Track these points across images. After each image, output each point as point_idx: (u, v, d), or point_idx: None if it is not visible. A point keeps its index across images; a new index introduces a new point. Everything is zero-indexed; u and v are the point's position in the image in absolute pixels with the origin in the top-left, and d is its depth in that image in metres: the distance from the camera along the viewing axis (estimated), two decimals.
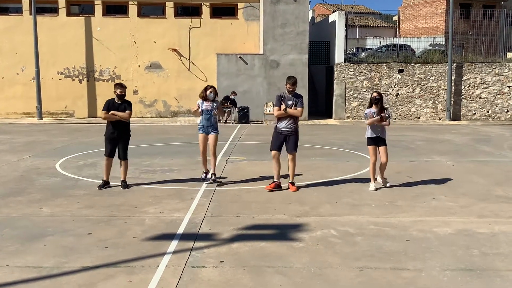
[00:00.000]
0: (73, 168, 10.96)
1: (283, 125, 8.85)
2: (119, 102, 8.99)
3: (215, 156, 9.36)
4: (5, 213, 7.35)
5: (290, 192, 8.72)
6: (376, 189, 8.89)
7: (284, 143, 8.91)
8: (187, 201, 8.02)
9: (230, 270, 5.22)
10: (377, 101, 8.92)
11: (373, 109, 8.93)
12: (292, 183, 8.97)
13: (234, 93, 22.65)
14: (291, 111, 8.79)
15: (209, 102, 9.21)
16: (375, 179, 9.04)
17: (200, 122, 9.20)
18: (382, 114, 8.87)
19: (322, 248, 5.89)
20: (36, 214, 7.30)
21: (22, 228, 6.63)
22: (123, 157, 9.08)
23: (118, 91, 8.95)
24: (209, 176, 9.37)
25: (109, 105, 8.94)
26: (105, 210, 7.51)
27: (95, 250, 5.77)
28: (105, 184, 9.06)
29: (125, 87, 9.15)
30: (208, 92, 9.18)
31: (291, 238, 6.24)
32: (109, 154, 9.01)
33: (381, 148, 9.00)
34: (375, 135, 8.96)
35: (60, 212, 7.43)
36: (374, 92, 9.21)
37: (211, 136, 9.23)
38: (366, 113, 9.04)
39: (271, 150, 8.98)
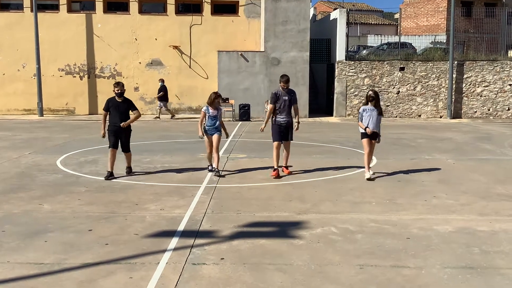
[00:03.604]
0: (74, 164, 10.97)
1: (281, 118, 9.85)
2: (120, 100, 9.52)
3: (217, 153, 9.97)
4: (6, 210, 7.36)
5: (291, 189, 8.73)
6: (371, 177, 9.51)
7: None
8: (188, 198, 8.02)
9: (230, 267, 5.22)
10: (372, 99, 9.68)
11: (369, 106, 9.67)
12: (286, 167, 10.11)
13: (162, 80, 22.39)
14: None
15: (214, 109, 9.89)
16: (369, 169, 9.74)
17: (206, 125, 9.91)
18: (374, 140, 9.75)
19: (322, 245, 5.89)
20: (37, 211, 7.31)
21: (23, 224, 6.64)
22: (126, 149, 9.72)
23: (116, 89, 9.49)
24: (212, 167, 10.07)
25: (109, 104, 9.48)
26: (105, 207, 7.52)
27: (96, 247, 5.78)
28: (111, 175, 9.45)
29: (123, 85, 9.63)
30: (216, 101, 9.92)
31: (291, 236, 6.24)
32: (113, 146, 9.52)
33: (373, 142, 9.77)
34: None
35: (61, 208, 7.44)
36: (370, 90, 9.96)
37: (215, 137, 9.90)
38: (360, 112, 9.78)
39: (274, 141, 9.92)
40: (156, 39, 24.21)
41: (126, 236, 6.19)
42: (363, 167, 10.05)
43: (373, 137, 9.65)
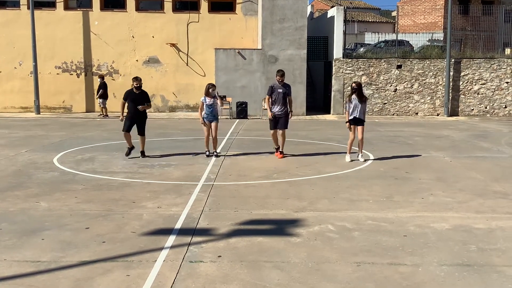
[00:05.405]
0: (70, 162, 10.95)
1: (276, 109, 11.42)
2: (137, 92, 11.18)
3: (216, 138, 11.66)
4: (3, 208, 7.34)
5: (288, 187, 8.73)
6: (352, 160, 10.91)
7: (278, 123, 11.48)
8: (185, 196, 8.02)
9: (227, 265, 5.22)
10: (355, 90, 10.89)
11: (354, 96, 10.92)
12: (281, 152, 11.55)
13: (101, 77, 22.12)
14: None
15: (211, 98, 11.39)
16: (351, 153, 11.06)
17: (205, 113, 11.46)
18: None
19: (319, 243, 5.90)
20: (34, 209, 7.29)
21: (20, 222, 6.63)
22: (142, 133, 11.37)
23: (134, 83, 11.27)
24: (209, 153, 11.57)
25: (127, 95, 11.19)
26: (102, 205, 7.51)
27: (93, 245, 5.77)
28: (130, 150, 11.23)
29: (140, 79, 11.44)
30: (210, 90, 11.37)
31: (288, 233, 6.25)
32: (127, 130, 11.12)
33: (359, 128, 10.99)
34: (355, 117, 10.93)
35: (58, 206, 7.42)
36: (353, 82, 11.16)
37: (213, 124, 11.53)
38: (347, 103, 11.06)
39: (270, 129, 11.64)
40: (153, 37, 24.16)
41: (123, 234, 6.18)
42: (361, 166, 10.18)
43: (357, 123, 10.96)
